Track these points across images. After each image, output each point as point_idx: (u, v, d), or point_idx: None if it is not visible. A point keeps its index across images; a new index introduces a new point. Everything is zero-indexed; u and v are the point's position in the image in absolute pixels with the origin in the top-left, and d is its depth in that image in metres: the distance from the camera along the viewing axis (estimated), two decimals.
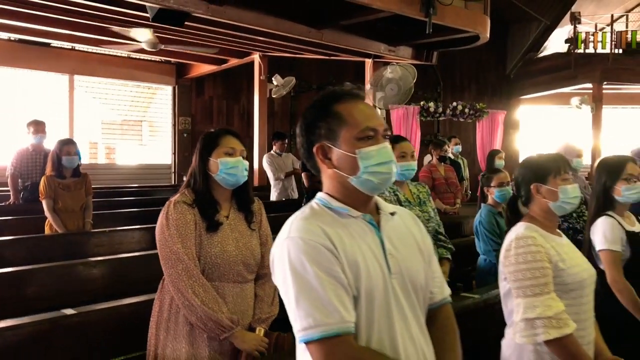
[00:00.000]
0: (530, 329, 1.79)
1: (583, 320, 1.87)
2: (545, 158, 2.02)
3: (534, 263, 1.83)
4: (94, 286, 3.01)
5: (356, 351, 1.18)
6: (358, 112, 1.31)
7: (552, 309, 1.77)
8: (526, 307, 1.81)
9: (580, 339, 1.84)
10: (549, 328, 1.76)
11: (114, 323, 2.28)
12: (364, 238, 1.27)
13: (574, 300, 1.86)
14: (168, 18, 3.90)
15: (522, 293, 1.83)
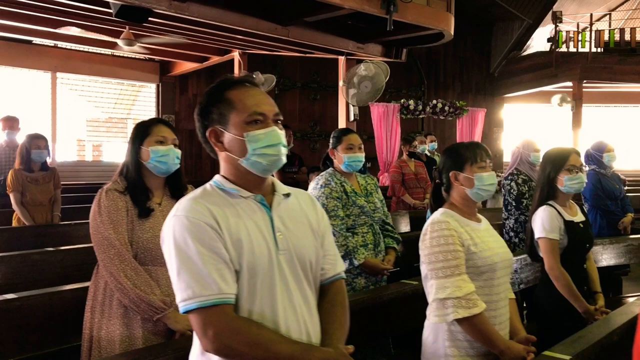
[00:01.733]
0: (441, 308, 1.89)
1: (495, 302, 1.96)
2: (463, 146, 2.11)
3: (446, 246, 1.91)
4: (51, 275, 3.08)
5: (232, 320, 1.25)
6: (247, 97, 1.39)
7: (461, 289, 1.86)
8: (438, 288, 1.90)
9: (492, 319, 1.93)
10: (458, 308, 1.85)
11: (57, 308, 2.34)
12: (251, 217, 1.35)
13: (485, 282, 1.95)
14: (131, 14, 3.97)
15: (435, 275, 1.92)
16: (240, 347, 1.24)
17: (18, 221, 4.30)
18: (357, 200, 2.84)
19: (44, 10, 4.99)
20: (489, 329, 1.89)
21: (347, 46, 5.44)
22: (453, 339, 1.94)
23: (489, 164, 2.06)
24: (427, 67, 12.57)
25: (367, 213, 2.85)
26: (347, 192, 2.84)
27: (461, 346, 1.93)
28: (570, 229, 2.66)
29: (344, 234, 2.74)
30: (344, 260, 2.73)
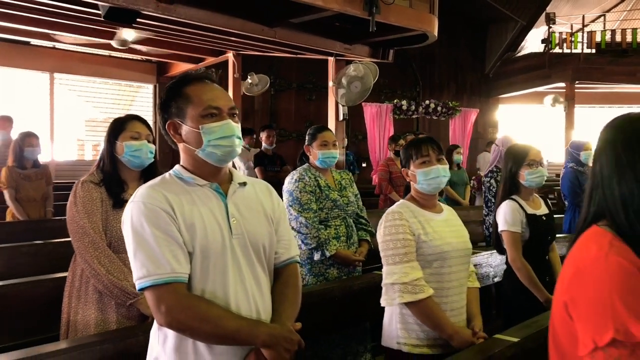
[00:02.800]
0: (389, 292, 2.02)
1: (446, 289, 2.07)
2: (410, 144, 2.24)
3: (396, 235, 2.04)
4: (39, 266, 3.20)
5: (184, 297, 1.37)
6: (204, 93, 1.51)
7: (408, 275, 1.98)
8: (387, 274, 2.03)
9: (443, 305, 2.04)
10: (404, 293, 1.97)
11: (39, 296, 2.47)
12: (206, 203, 1.47)
13: (435, 270, 2.06)
14: (119, 16, 4.10)
15: (385, 261, 2.05)
16: (191, 322, 1.35)
17: (12, 217, 4.43)
18: (330, 194, 2.96)
19: (39, 12, 5.12)
20: (436, 314, 2.00)
21: (334, 47, 5.55)
22: (404, 322, 2.06)
23: (436, 157, 2.16)
24: (422, 68, 12.69)
25: (340, 207, 2.97)
26: (320, 186, 2.96)
27: (411, 329, 2.05)
28: (532, 222, 2.76)
29: (317, 226, 2.86)
30: (316, 251, 2.86)
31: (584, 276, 1.14)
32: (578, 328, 1.12)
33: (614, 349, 1.05)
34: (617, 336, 1.04)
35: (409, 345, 2.05)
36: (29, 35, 7.23)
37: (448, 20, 12.82)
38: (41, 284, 2.51)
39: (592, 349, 1.07)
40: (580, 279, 1.15)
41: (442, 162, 2.19)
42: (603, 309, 1.07)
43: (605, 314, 1.07)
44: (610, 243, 1.15)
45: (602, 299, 1.08)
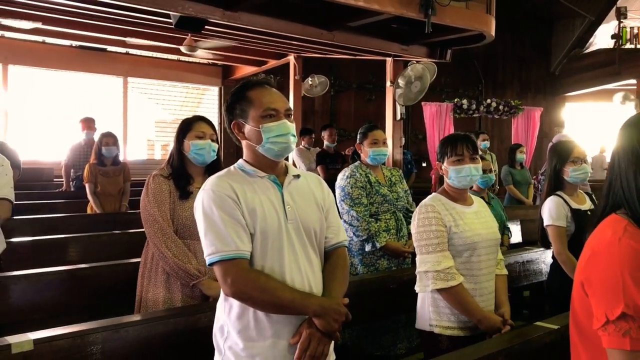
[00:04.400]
0: (422, 280, 2.18)
1: (476, 276, 2.21)
2: (445, 140, 2.39)
3: (429, 227, 2.19)
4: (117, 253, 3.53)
5: (246, 271, 1.58)
6: (264, 96, 1.72)
7: (441, 264, 2.14)
8: (420, 262, 2.19)
9: (473, 292, 2.19)
10: (437, 280, 2.13)
11: (120, 277, 2.77)
12: (265, 192, 1.68)
13: (466, 259, 2.21)
14: (188, 24, 4.42)
15: (419, 251, 2.21)
16: (252, 292, 1.56)
17: (91, 209, 4.85)
18: (380, 189, 3.12)
19: (114, 21, 5.55)
20: (466, 300, 2.14)
21: (392, 48, 5.68)
22: (436, 306, 2.22)
23: (469, 156, 2.28)
24: (485, 66, 12.53)
25: (389, 201, 3.12)
26: (371, 182, 3.13)
27: (443, 312, 2.20)
28: (577, 216, 2.82)
29: (367, 219, 3.02)
30: (367, 242, 3.03)
31: (598, 257, 1.26)
32: (592, 304, 1.24)
33: (624, 322, 1.16)
34: (626, 310, 1.15)
35: (441, 327, 2.20)
36: (105, 42, 7.79)
37: (512, 18, 12.65)
38: (117, 267, 2.81)
39: (605, 322, 1.19)
40: (595, 260, 1.26)
41: (476, 162, 2.31)
42: (614, 286, 1.19)
43: (616, 290, 1.18)
44: (624, 228, 1.26)
45: (614, 278, 1.20)
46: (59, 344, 1.78)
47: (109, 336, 1.91)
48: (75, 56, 8.96)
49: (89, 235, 3.67)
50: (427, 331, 2.28)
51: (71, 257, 3.44)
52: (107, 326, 1.92)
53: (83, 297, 2.69)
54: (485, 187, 3.91)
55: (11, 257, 3.02)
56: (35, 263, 2.93)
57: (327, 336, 1.58)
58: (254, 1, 4.42)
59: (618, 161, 1.34)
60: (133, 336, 1.96)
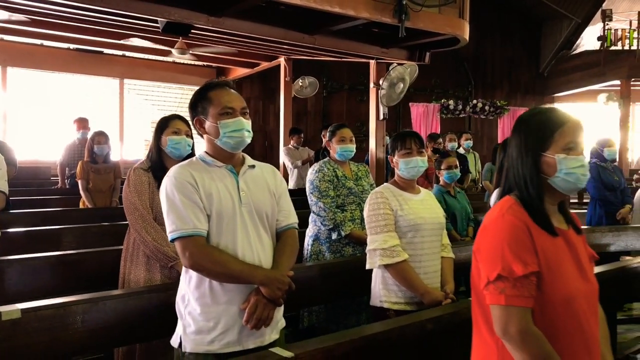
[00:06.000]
0: (372, 257, 2.46)
1: (420, 255, 2.49)
2: (396, 135, 2.68)
3: (378, 210, 2.48)
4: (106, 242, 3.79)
5: (203, 247, 1.84)
6: (222, 96, 1.98)
7: (387, 243, 2.41)
8: (370, 242, 2.48)
9: (417, 269, 2.45)
10: (383, 257, 2.40)
11: (105, 262, 3.03)
12: (222, 180, 1.94)
13: (410, 239, 2.49)
14: (175, 29, 4.68)
15: (369, 232, 2.50)
16: (207, 264, 1.82)
17: (83, 205, 5.12)
18: (346, 183, 3.39)
19: (109, 25, 5.81)
20: (410, 275, 2.42)
21: (372, 51, 5.93)
22: (385, 284, 2.50)
23: (417, 150, 2.58)
24: (475, 68, 12.79)
25: (355, 194, 3.38)
26: (338, 176, 3.39)
27: (391, 289, 2.48)
28: None
29: (333, 210, 3.29)
30: (333, 231, 3.29)
31: (486, 230, 1.52)
32: (480, 269, 1.50)
33: (501, 282, 1.42)
34: (502, 273, 1.42)
35: (389, 303, 2.48)
36: (101, 45, 8.05)
37: (502, 20, 12.94)
38: (102, 253, 3.08)
39: (487, 283, 1.45)
40: (484, 232, 1.52)
41: (422, 155, 2.62)
42: (495, 253, 1.45)
43: (496, 257, 1.44)
44: (510, 207, 1.52)
45: (496, 246, 1.46)
46: (43, 314, 2.04)
47: (89, 308, 2.17)
48: (73, 58, 9.24)
49: (80, 227, 3.94)
50: (377, 307, 2.55)
51: (63, 246, 3.70)
52: (87, 299, 2.19)
53: (71, 280, 2.95)
54: (451, 182, 4.18)
55: (7, 245, 3.28)
56: (28, 251, 3.18)
57: (272, 302, 1.85)
58: (238, 7, 4.67)
59: (511, 152, 1.60)
60: (111, 308, 2.23)
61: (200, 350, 1.83)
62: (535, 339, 1.39)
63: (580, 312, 1.44)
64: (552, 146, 1.51)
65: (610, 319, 3.51)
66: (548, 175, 1.51)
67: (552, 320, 1.42)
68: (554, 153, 1.50)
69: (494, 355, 1.48)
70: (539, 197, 1.51)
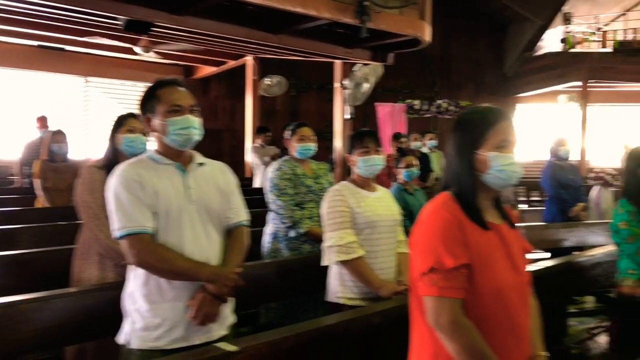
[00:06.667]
0: (328, 253, 2.49)
1: (375, 252, 2.53)
2: (354, 134, 2.73)
3: (335, 207, 2.52)
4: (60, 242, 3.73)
5: (149, 244, 1.85)
6: (170, 94, 1.99)
7: (343, 239, 2.45)
8: (327, 239, 2.51)
9: (373, 265, 2.50)
10: (340, 253, 2.44)
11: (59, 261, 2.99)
12: (170, 177, 1.95)
13: (367, 236, 2.53)
14: (136, 27, 4.66)
15: (326, 229, 2.54)
16: (153, 262, 1.84)
17: (38, 203, 5.04)
18: (305, 181, 3.42)
19: (71, 22, 5.72)
20: (366, 271, 2.47)
21: (337, 51, 5.99)
22: (342, 280, 2.54)
23: (374, 148, 2.63)
24: (441, 69, 12.98)
25: (314, 192, 3.43)
26: (297, 174, 3.42)
27: (347, 285, 2.52)
28: None
29: (292, 208, 3.32)
30: (291, 229, 3.33)
31: (421, 225, 1.57)
32: (415, 261, 1.56)
33: (433, 274, 1.47)
34: (435, 265, 1.47)
35: (345, 298, 2.53)
36: (64, 42, 7.92)
37: (468, 22, 13.16)
38: (60, 252, 3.04)
39: (420, 275, 1.50)
40: (419, 227, 1.58)
41: (379, 153, 2.67)
42: (428, 247, 1.51)
43: (429, 250, 1.50)
44: (444, 202, 1.58)
45: (429, 240, 1.51)
46: None
47: (39, 306, 2.16)
48: (36, 56, 9.04)
49: (36, 226, 3.88)
50: (333, 303, 2.59)
51: (19, 246, 3.64)
52: (37, 298, 2.18)
53: (26, 280, 2.91)
54: (410, 180, 4.25)
55: None
56: None
57: (218, 299, 1.87)
58: (200, 6, 4.67)
59: (449, 150, 1.66)
60: (62, 307, 2.22)
61: (146, 347, 1.84)
62: (466, 329, 1.44)
63: (509, 303, 1.51)
64: (485, 144, 1.56)
65: (560, 311, 3.65)
66: (481, 172, 1.57)
67: (483, 311, 1.48)
68: (487, 151, 1.56)
69: (429, 345, 1.53)
70: (472, 193, 1.57)
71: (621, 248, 2.72)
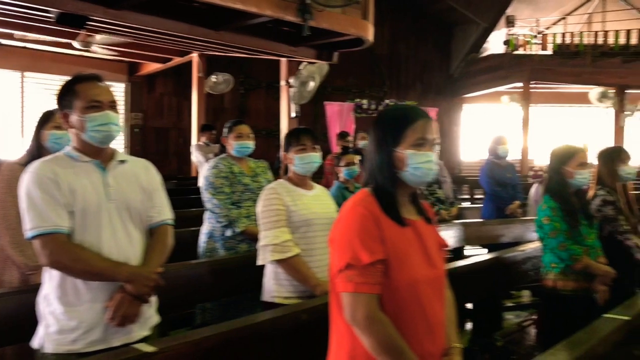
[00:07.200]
0: (263, 253, 2.47)
1: (312, 249, 2.52)
2: (290, 133, 2.70)
3: (270, 206, 2.49)
4: None
5: (63, 244, 1.78)
6: (89, 89, 1.93)
7: (278, 238, 2.43)
8: (262, 238, 2.48)
9: (310, 263, 2.49)
10: (274, 252, 2.42)
11: None
12: (88, 175, 1.89)
13: (302, 234, 2.52)
14: (70, 21, 4.50)
15: (262, 228, 2.52)
16: (67, 262, 1.77)
17: None
18: (242, 179, 3.39)
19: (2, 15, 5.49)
20: (302, 269, 2.45)
21: (281, 49, 5.97)
22: (277, 279, 2.51)
23: (311, 146, 2.62)
24: (390, 69, 13.15)
25: (251, 190, 3.39)
26: (234, 172, 3.38)
27: (283, 284, 2.50)
28: None
29: (228, 206, 3.28)
30: (227, 228, 3.28)
31: (339, 221, 1.58)
32: (332, 258, 1.56)
33: (349, 270, 1.48)
34: (351, 262, 1.48)
35: (280, 297, 2.50)
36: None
37: (416, 23, 13.39)
38: None
39: (337, 271, 1.51)
40: (337, 223, 1.58)
41: (316, 150, 2.65)
42: (345, 243, 1.51)
43: (346, 246, 1.50)
44: (362, 199, 1.58)
45: (346, 236, 1.52)
46: None
47: None
48: None
49: None
50: (269, 302, 2.57)
51: None
52: None
53: None
54: (351, 178, 4.28)
55: None
56: None
57: (138, 299, 1.83)
58: (137, 0, 4.56)
59: (369, 147, 1.67)
60: None
61: (61, 351, 1.78)
62: (381, 324, 1.46)
63: (424, 296, 1.53)
64: (403, 142, 1.58)
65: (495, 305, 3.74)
66: (399, 169, 1.58)
67: (398, 305, 1.50)
68: (405, 149, 1.57)
69: (347, 341, 1.54)
70: (390, 190, 1.58)
71: (545, 242, 2.83)
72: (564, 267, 2.75)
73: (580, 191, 2.86)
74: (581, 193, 2.88)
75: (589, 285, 2.75)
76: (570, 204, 2.76)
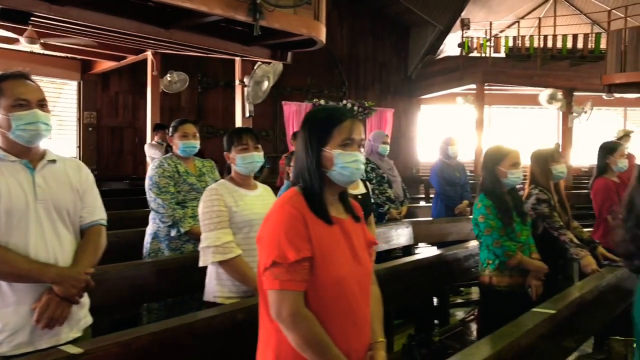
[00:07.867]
0: (204, 254, 2.46)
1: (254, 250, 2.51)
2: (231, 132, 2.70)
3: (212, 207, 2.48)
4: None
5: None
6: (16, 87, 1.89)
7: (220, 239, 2.43)
8: (203, 239, 2.47)
9: (252, 264, 2.48)
10: (216, 253, 2.42)
11: None
12: (14, 175, 1.85)
13: (245, 235, 2.52)
14: (12, 16, 4.37)
15: (203, 229, 2.50)
16: None
17: None
18: (188, 179, 3.37)
19: None
20: (244, 270, 2.45)
21: (234, 49, 5.94)
22: (219, 280, 2.51)
23: (253, 145, 2.62)
24: (349, 69, 13.25)
25: (197, 190, 3.37)
26: (179, 172, 3.36)
27: (225, 285, 2.50)
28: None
29: (172, 206, 3.25)
30: (172, 228, 3.26)
31: (268, 220, 1.60)
32: (260, 256, 1.58)
33: (276, 268, 1.50)
34: (277, 259, 1.50)
35: (222, 298, 2.50)
36: None
37: (375, 24, 13.53)
38: None
39: (264, 269, 1.52)
40: (266, 222, 1.60)
41: (258, 150, 2.65)
42: (272, 241, 1.53)
43: (273, 245, 1.52)
44: (290, 197, 1.61)
45: (274, 235, 1.54)
46: None
47: None
48: None
49: None
50: (211, 302, 2.56)
51: None
52: None
53: None
54: None
55: None
56: None
57: (66, 300, 1.80)
58: None
59: (298, 146, 1.70)
60: None
61: None
62: (306, 321, 1.48)
63: (349, 293, 1.57)
64: (330, 142, 1.61)
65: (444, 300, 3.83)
66: (327, 168, 1.61)
67: (324, 301, 1.53)
68: (332, 148, 1.60)
69: (273, 338, 1.56)
70: (318, 189, 1.61)
71: (480, 240, 2.91)
72: (499, 263, 2.84)
73: (513, 190, 2.97)
74: (514, 192, 2.98)
75: (523, 281, 2.85)
76: (504, 202, 2.85)
